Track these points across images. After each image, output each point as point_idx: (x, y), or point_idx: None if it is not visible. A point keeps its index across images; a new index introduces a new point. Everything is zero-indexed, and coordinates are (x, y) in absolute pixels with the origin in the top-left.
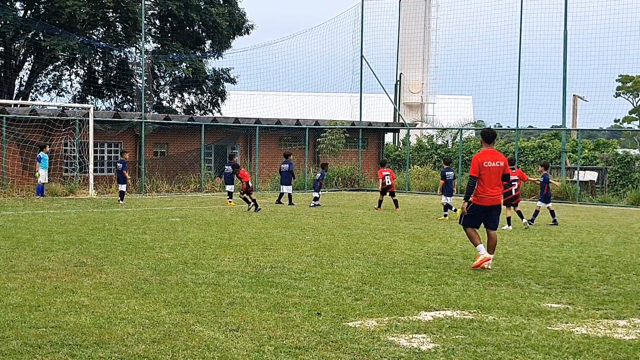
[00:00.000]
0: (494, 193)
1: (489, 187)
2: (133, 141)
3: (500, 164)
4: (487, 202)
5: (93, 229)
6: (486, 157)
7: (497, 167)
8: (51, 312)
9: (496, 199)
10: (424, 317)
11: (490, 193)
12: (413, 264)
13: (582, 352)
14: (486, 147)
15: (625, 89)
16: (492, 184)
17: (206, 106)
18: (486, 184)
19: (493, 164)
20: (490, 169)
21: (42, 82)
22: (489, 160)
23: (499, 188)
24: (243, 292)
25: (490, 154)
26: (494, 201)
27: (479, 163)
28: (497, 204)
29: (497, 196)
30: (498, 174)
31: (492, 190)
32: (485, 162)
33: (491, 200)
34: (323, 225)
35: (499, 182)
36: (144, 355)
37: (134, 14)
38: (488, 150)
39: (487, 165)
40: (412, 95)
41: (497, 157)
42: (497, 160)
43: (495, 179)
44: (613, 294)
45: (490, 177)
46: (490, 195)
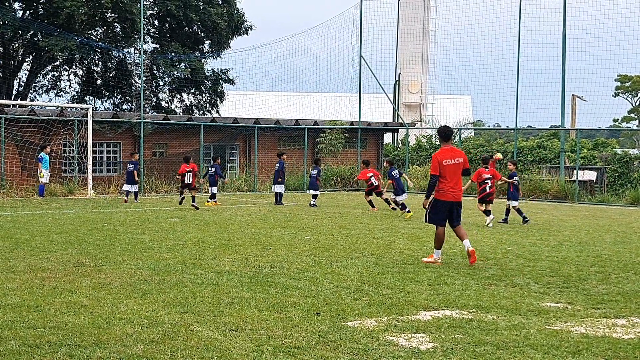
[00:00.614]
0: (456, 189)
1: (451, 183)
2: (132, 141)
3: (460, 160)
4: (449, 197)
5: (92, 230)
6: (445, 154)
7: (456, 164)
8: (50, 313)
9: (458, 195)
10: (423, 317)
11: (452, 189)
12: (412, 263)
13: (581, 351)
14: (444, 145)
15: (624, 89)
16: (453, 179)
17: (205, 106)
18: (447, 180)
19: (452, 161)
20: (450, 166)
21: (41, 82)
22: (448, 158)
23: (460, 184)
24: (242, 292)
25: (449, 152)
26: (456, 197)
27: (439, 161)
28: (458, 201)
29: (458, 192)
30: (458, 170)
31: (453, 186)
32: (444, 160)
33: (453, 195)
34: (322, 225)
35: (459, 178)
36: (143, 355)
37: (133, 14)
38: (447, 148)
39: (447, 162)
40: (411, 95)
41: (455, 154)
42: (456, 157)
43: (456, 175)
44: (612, 294)
45: (450, 173)
46: (452, 191)
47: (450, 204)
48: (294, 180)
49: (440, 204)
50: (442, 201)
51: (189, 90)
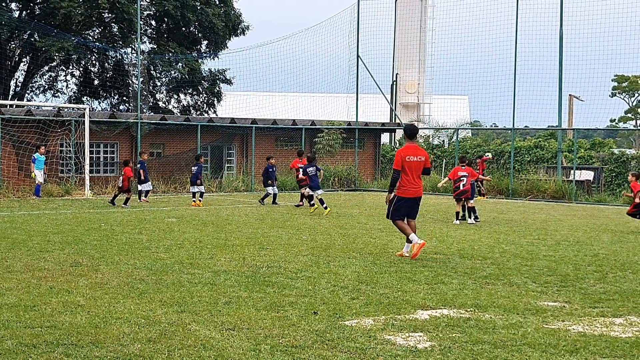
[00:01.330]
0: (417, 185)
1: (413, 179)
2: (129, 142)
3: (422, 158)
4: (411, 193)
5: (89, 229)
6: (409, 151)
7: (418, 161)
8: (47, 312)
9: (419, 191)
10: (421, 316)
11: (413, 185)
12: (409, 263)
13: (579, 350)
14: (409, 142)
15: (621, 89)
16: (414, 176)
17: (202, 107)
18: (409, 177)
19: (415, 158)
20: (413, 162)
21: (38, 82)
22: (411, 155)
23: (421, 181)
24: (239, 291)
25: (413, 149)
26: (417, 193)
27: (402, 157)
28: (419, 196)
29: (419, 188)
30: (419, 167)
31: (414, 182)
32: (407, 157)
33: (415, 192)
34: (319, 225)
35: (420, 176)
36: (140, 355)
37: (130, 14)
38: (411, 145)
39: (410, 159)
40: (408, 95)
41: (418, 152)
42: (418, 155)
43: (417, 172)
44: (609, 293)
45: (412, 170)
46: (414, 187)
47: (412, 200)
48: (291, 180)
49: (403, 201)
50: (405, 198)
51: (186, 90)
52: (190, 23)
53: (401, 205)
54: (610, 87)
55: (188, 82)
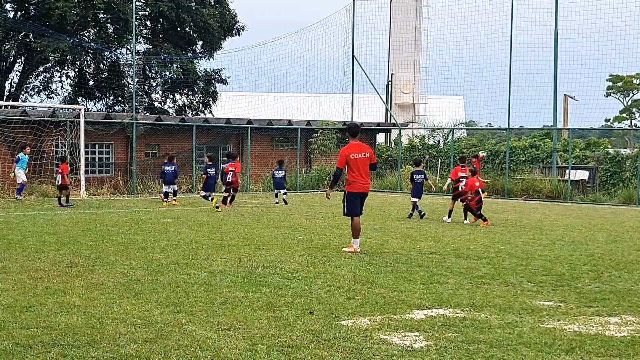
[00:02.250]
0: (364, 181)
1: (359, 175)
2: (124, 142)
3: (366, 154)
4: (358, 188)
5: (84, 230)
6: (352, 149)
7: (363, 158)
8: (42, 313)
9: (366, 187)
10: (417, 316)
11: (360, 181)
12: (405, 263)
13: (574, 349)
14: (352, 141)
15: (615, 89)
16: (362, 173)
17: (198, 107)
18: (356, 173)
19: (359, 155)
20: (357, 160)
21: (33, 83)
22: (355, 153)
23: (368, 177)
24: (235, 291)
25: (357, 147)
26: (365, 188)
27: (346, 155)
28: (366, 191)
29: (367, 184)
30: (365, 163)
31: (362, 178)
32: (351, 155)
33: (362, 187)
34: (315, 225)
35: (367, 171)
36: (136, 355)
37: (125, 15)
38: (354, 144)
39: (354, 157)
40: (403, 95)
41: (362, 149)
42: (362, 152)
43: (364, 169)
44: (605, 292)
45: (358, 167)
46: (361, 183)
47: (360, 195)
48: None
49: (353, 196)
50: (354, 192)
51: (181, 90)
52: (185, 23)
53: (353, 200)
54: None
55: (183, 82)
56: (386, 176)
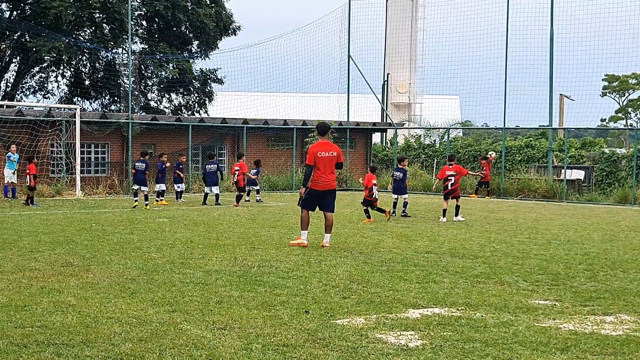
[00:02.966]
0: (328, 179)
1: (324, 173)
2: (120, 142)
3: (333, 153)
4: (321, 186)
5: (80, 230)
6: (320, 147)
7: (330, 157)
8: (37, 312)
9: (330, 184)
10: (412, 315)
11: (324, 179)
12: (401, 262)
13: (570, 348)
14: (321, 139)
15: (611, 89)
16: (327, 171)
17: (193, 107)
18: (321, 171)
19: (326, 154)
20: (324, 158)
21: (28, 83)
22: (323, 151)
23: (333, 175)
24: (231, 290)
25: (324, 145)
26: (328, 186)
27: (314, 153)
28: (331, 189)
29: (330, 182)
30: (331, 162)
31: (326, 176)
32: (319, 152)
33: (325, 185)
34: (311, 225)
35: (332, 170)
36: (131, 354)
37: (121, 14)
38: (322, 142)
39: (321, 155)
40: (399, 95)
41: (330, 147)
42: (330, 151)
43: (329, 167)
44: (600, 291)
45: (324, 165)
46: (325, 181)
47: (322, 192)
48: (282, 180)
49: (313, 192)
50: (315, 190)
51: (177, 90)
52: (181, 23)
53: (310, 196)
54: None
55: (179, 82)
56: (382, 175)
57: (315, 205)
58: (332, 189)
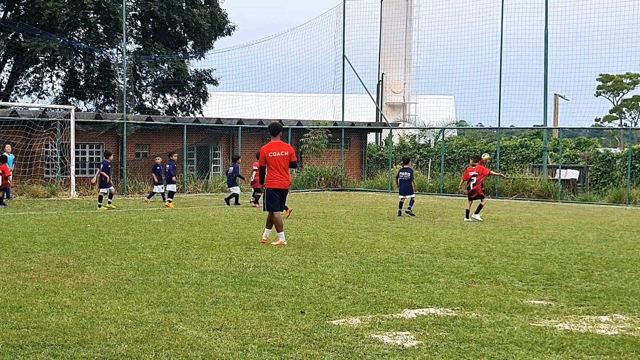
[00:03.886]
0: (282, 178)
1: (277, 172)
2: (115, 142)
3: (285, 153)
4: (276, 184)
5: (75, 230)
6: (272, 148)
7: (282, 156)
8: (33, 313)
9: (283, 183)
10: (408, 315)
11: (278, 177)
12: (396, 262)
13: (565, 348)
14: (273, 139)
15: (605, 88)
16: (280, 170)
17: (188, 107)
18: (275, 171)
19: (278, 154)
20: (276, 158)
21: (23, 84)
22: (274, 151)
23: (287, 174)
24: (226, 291)
25: (276, 145)
26: (282, 185)
27: (265, 154)
28: (284, 188)
29: (284, 181)
30: (284, 161)
31: (280, 175)
32: (270, 153)
33: (279, 183)
34: (306, 225)
35: (286, 169)
36: (127, 355)
37: (115, 14)
38: (274, 142)
39: (272, 155)
40: (394, 95)
41: (282, 147)
42: (281, 150)
43: (282, 166)
44: (595, 291)
45: (276, 164)
46: (278, 180)
47: (279, 191)
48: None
49: (272, 192)
50: (272, 189)
51: (172, 90)
52: (176, 23)
53: (272, 195)
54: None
55: (174, 82)
56: (377, 176)
57: (279, 204)
58: (286, 188)
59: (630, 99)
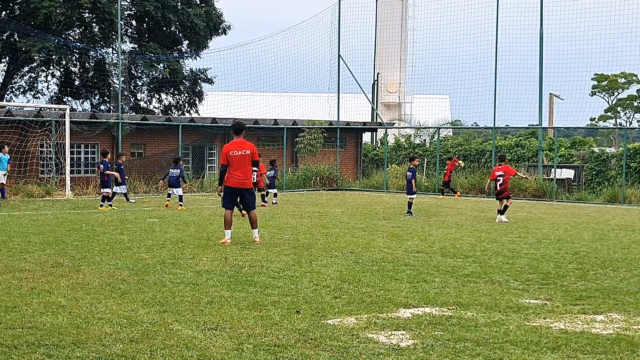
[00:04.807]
0: (242, 177)
1: (237, 171)
2: (110, 142)
3: (246, 152)
4: (234, 183)
5: (70, 230)
6: (233, 147)
7: (242, 155)
8: (27, 313)
9: (244, 183)
10: (403, 314)
11: (237, 176)
12: (391, 261)
13: (561, 347)
14: (236, 138)
15: (600, 88)
16: (240, 169)
17: (184, 106)
18: (234, 169)
19: (239, 153)
20: (237, 156)
21: (18, 83)
22: (235, 150)
23: (248, 173)
24: (221, 291)
25: (238, 144)
26: (242, 184)
27: (226, 152)
28: (246, 187)
29: (244, 180)
30: (244, 160)
31: (239, 174)
32: (231, 152)
33: (239, 182)
34: (301, 225)
35: (247, 168)
36: (122, 355)
37: (111, 14)
38: (236, 141)
39: (233, 153)
40: (389, 94)
41: (243, 146)
42: (242, 149)
43: (243, 165)
44: (590, 290)
45: (236, 163)
46: (238, 178)
47: (237, 190)
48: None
49: (228, 190)
50: (229, 187)
51: (167, 90)
52: (171, 23)
53: (226, 194)
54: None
55: (169, 81)
56: (372, 175)
57: (233, 203)
58: (248, 187)
59: (625, 98)
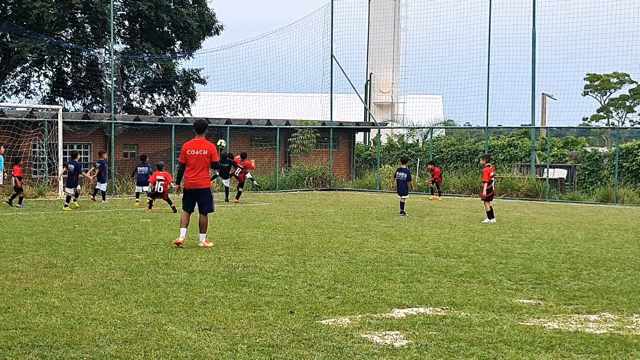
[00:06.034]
0: (195, 178)
1: (193, 172)
2: (103, 142)
3: (204, 152)
4: (189, 185)
5: (63, 231)
6: (191, 145)
7: (200, 155)
8: (21, 314)
9: (198, 184)
10: (397, 314)
11: (192, 177)
12: (385, 262)
13: (554, 347)
14: (197, 137)
15: (593, 88)
16: (196, 169)
17: (176, 107)
18: (190, 170)
19: (196, 152)
20: (194, 156)
21: (10, 84)
22: (193, 149)
23: (203, 173)
24: (215, 291)
25: (197, 143)
26: (196, 185)
27: (184, 150)
28: (200, 188)
29: (198, 181)
30: (202, 160)
31: (191, 175)
32: (189, 150)
33: (193, 184)
34: (295, 225)
35: (203, 168)
36: (116, 356)
37: (103, 14)
38: (196, 140)
39: (191, 153)
40: (382, 94)
41: (202, 145)
42: (200, 149)
43: (199, 165)
44: (584, 290)
45: (193, 163)
46: (192, 180)
47: (191, 191)
48: (266, 180)
49: (185, 192)
50: (185, 189)
51: (160, 90)
52: (164, 23)
53: (184, 194)
54: (583, 86)
55: (162, 82)
56: (365, 175)
57: (192, 204)
58: (202, 188)
59: (617, 98)
